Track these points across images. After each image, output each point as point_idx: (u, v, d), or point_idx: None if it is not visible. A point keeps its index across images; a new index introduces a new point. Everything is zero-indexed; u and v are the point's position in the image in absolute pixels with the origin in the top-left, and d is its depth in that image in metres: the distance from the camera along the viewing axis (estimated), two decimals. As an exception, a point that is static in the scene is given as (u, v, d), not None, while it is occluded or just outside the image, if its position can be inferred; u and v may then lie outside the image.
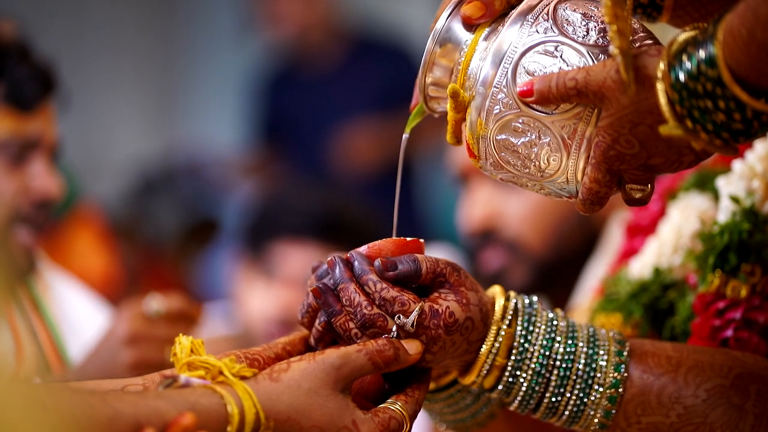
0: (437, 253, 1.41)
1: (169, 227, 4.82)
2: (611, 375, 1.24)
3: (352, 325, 1.22)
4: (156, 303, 1.84)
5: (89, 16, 6.19)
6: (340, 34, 4.76)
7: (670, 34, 1.17)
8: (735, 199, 1.35)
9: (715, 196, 1.45)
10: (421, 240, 1.27)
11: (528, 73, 1.19)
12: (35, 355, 1.94)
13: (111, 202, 5.01)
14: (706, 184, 1.49)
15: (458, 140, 1.26)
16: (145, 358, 1.82)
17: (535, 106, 1.18)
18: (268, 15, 4.84)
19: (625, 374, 1.23)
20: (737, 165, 1.37)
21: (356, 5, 5.27)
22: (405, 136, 1.32)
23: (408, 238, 1.26)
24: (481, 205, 2.33)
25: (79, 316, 2.10)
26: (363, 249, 1.25)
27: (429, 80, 1.26)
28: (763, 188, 1.35)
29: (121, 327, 1.83)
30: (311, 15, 4.72)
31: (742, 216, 1.33)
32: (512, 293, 1.27)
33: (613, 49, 1.13)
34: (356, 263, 1.23)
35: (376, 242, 1.25)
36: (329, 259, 1.25)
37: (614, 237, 2.16)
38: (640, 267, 1.49)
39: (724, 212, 1.36)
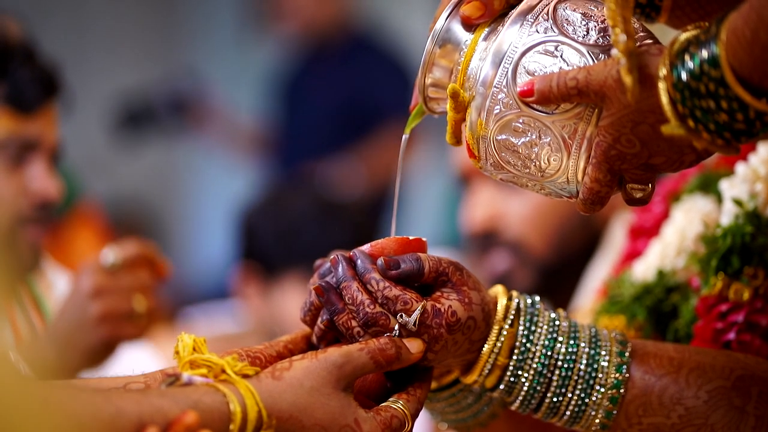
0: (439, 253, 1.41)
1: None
2: (613, 375, 1.24)
3: (354, 323, 1.22)
4: (112, 254, 1.85)
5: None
6: (346, 31, 4.79)
7: (668, 34, 1.17)
8: (738, 202, 1.35)
9: (719, 198, 1.45)
10: (424, 239, 1.27)
11: (528, 73, 1.19)
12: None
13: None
14: (709, 187, 1.49)
15: (458, 141, 1.26)
16: (113, 309, 1.83)
17: (535, 106, 1.18)
18: (276, 9, 4.87)
19: (627, 375, 1.24)
20: (740, 168, 1.37)
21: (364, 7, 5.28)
22: (405, 136, 1.32)
23: (411, 237, 1.26)
24: (482, 206, 2.33)
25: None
26: (366, 247, 1.25)
27: (428, 81, 1.26)
28: (766, 191, 1.35)
29: (83, 282, 1.85)
30: (322, 10, 4.76)
31: (745, 219, 1.33)
32: (514, 293, 1.27)
33: (616, 52, 1.13)
34: (359, 261, 1.23)
35: (379, 241, 1.25)
36: (332, 257, 1.25)
37: (616, 238, 2.16)
38: (644, 269, 1.49)
39: (727, 215, 1.36)
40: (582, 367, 1.24)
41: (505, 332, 1.25)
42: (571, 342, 1.25)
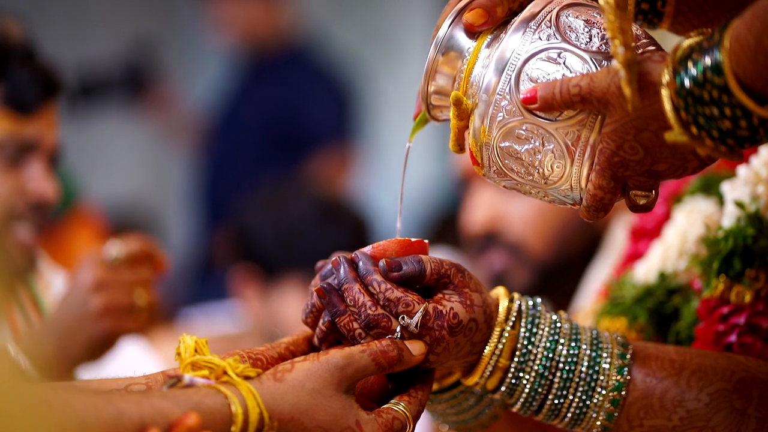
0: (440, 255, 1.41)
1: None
2: (614, 378, 1.24)
3: (356, 325, 1.22)
4: (115, 249, 1.86)
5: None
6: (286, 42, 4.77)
7: (670, 40, 1.17)
8: (740, 205, 1.35)
9: (721, 200, 1.45)
10: (426, 241, 1.27)
11: (531, 80, 1.18)
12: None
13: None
14: (711, 189, 1.49)
15: (461, 148, 1.26)
16: (114, 303, 1.84)
17: (538, 113, 1.18)
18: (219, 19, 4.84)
19: (628, 377, 1.24)
20: (742, 170, 1.37)
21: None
22: (408, 145, 1.32)
23: (413, 239, 1.26)
24: (483, 207, 2.33)
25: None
26: (367, 249, 1.25)
27: (432, 88, 1.26)
28: (768, 194, 1.35)
29: (84, 276, 1.85)
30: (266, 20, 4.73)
31: (747, 221, 1.33)
32: (516, 295, 1.27)
33: (616, 63, 1.13)
34: (361, 263, 1.23)
35: (381, 242, 1.25)
36: (334, 259, 1.25)
37: (617, 240, 2.17)
38: (645, 271, 1.49)
39: (729, 217, 1.36)
40: (583, 369, 1.24)
41: (506, 334, 1.25)
42: (573, 344, 1.25)
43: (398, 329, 1.21)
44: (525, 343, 1.25)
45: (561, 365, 1.24)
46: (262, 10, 4.71)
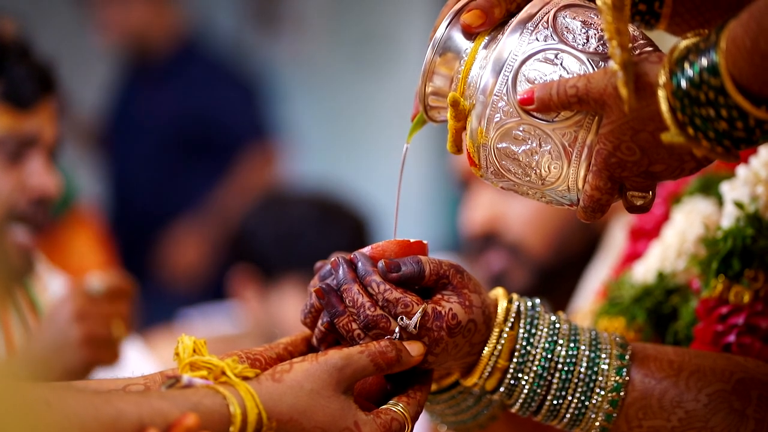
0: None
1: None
2: (613, 378, 1.24)
3: (354, 326, 1.22)
4: (97, 282, 1.91)
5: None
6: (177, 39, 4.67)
7: (668, 41, 1.17)
8: (739, 205, 1.35)
9: (720, 200, 1.45)
10: (425, 241, 1.27)
11: (528, 81, 1.19)
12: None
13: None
14: (710, 189, 1.50)
15: (459, 149, 1.26)
16: (94, 333, 1.88)
17: (535, 114, 1.18)
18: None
19: (627, 378, 1.24)
20: (741, 170, 1.37)
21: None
22: (406, 146, 1.32)
23: (411, 240, 1.26)
24: (483, 208, 2.33)
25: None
26: (366, 250, 1.25)
27: (429, 89, 1.26)
28: (767, 194, 1.35)
29: (67, 306, 1.89)
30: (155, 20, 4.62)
31: (746, 221, 1.33)
32: (515, 295, 1.27)
33: (613, 64, 1.13)
34: (360, 264, 1.23)
35: (380, 243, 1.25)
36: (333, 259, 1.25)
37: (616, 240, 2.17)
38: (644, 271, 1.49)
39: (728, 217, 1.36)
40: (582, 370, 1.24)
41: (505, 335, 1.25)
42: (572, 345, 1.25)
43: (397, 330, 1.21)
44: (524, 343, 1.25)
45: (560, 366, 1.24)
46: (147, 11, 4.57)
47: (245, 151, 4.54)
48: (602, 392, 1.24)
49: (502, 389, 1.26)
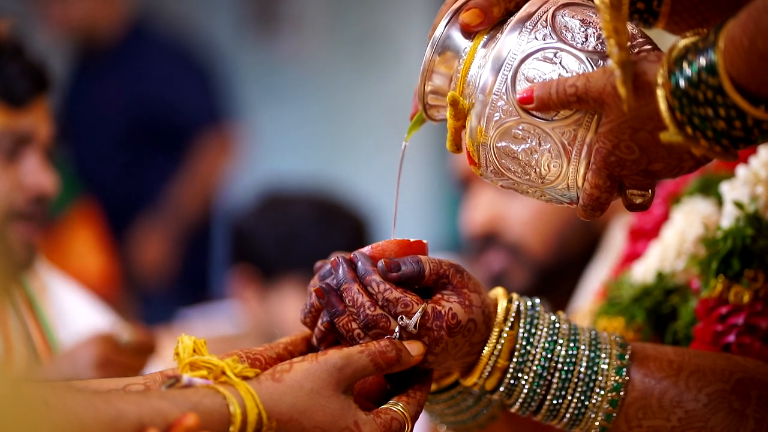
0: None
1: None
2: (612, 378, 1.24)
3: (354, 325, 1.22)
4: (127, 334, 1.93)
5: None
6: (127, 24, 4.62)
7: (668, 40, 1.18)
8: (739, 205, 1.35)
9: (719, 201, 1.45)
10: (425, 241, 1.27)
11: (527, 80, 1.19)
12: (28, 355, 1.95)
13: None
14: (709, 189, 1.50)
15: (458, 148, 1.26)
16: None
17: (535, 112, 1.18)
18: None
19: (627, 378, 1.24)
20: (741, 170, 1.37)
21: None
22: (405, 144, 1.32)
23: (411, 239, 1.26)
24: (483, 208, 2.33)
25: (75, 317, 2.11)
26: (366, 249, 1.25)
27: (428, 88, 1.26)
28: (767, 194, 1.35)
29: (91, 350, 1.90)
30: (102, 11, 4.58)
31: (746, 221, 1.34)
32: (515, 295, 1.27)
33: (612, 63, 1.13)
34: (359, 264, 1.23)
35: (380, 243, 1.25)
36: (333, 259, 1.25)
37: (616, 240, 2.17)
38: (643, 271, 1.49)
39: (728, 217, 1.36)
40: (582, 369, 1.24)
41: (505, 335, 1.25)
42: (571, 345, 1.25)
43: (397, 329, 1.21)
44: (523, 343, 1.25)
45: (559, 366, 1.24)
46: (89, 2, 4.53)
47: (200, 137, 4.51)
48: (602, 392, 1.24)
49: (501, 389, 1.26)
